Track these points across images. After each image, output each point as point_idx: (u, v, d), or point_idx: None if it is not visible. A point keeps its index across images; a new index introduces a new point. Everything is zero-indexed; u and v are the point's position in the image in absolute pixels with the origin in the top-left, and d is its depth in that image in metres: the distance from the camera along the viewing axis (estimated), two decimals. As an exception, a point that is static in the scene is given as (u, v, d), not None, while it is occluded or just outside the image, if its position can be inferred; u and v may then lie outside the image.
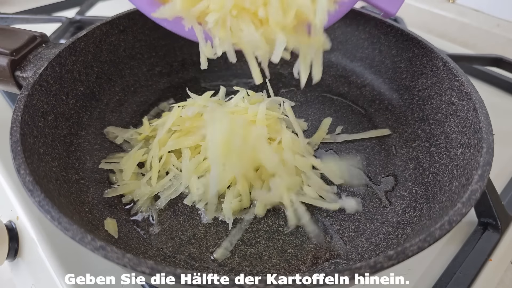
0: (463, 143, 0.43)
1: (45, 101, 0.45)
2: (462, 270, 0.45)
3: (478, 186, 0.34)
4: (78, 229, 0.30)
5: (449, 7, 1.02)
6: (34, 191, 0.32)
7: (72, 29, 0.79)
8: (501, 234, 0.49)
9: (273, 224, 0.45)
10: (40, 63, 0.47)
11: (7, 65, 0.47)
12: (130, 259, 0.28)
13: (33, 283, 0.48)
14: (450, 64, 0.48)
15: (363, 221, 0.46)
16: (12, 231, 0.50)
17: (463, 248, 0.48)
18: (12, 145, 0.36)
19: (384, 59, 0.60)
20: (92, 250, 0.29)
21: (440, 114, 0.49)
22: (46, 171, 0.40)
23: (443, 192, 0.42)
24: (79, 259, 0.44)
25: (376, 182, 0.50)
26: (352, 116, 0.60)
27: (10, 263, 0.52)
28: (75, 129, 0.50)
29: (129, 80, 0.60)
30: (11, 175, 0.53)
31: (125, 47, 0.58)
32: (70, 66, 0.50)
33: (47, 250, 0.45)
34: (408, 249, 0.29)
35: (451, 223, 0.31)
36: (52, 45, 0.50)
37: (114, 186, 0.48)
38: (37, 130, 0.42)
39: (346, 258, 0.42)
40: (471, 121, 0.42)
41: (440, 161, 0.47)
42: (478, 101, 0.42)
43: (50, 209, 0.31)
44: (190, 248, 0.43)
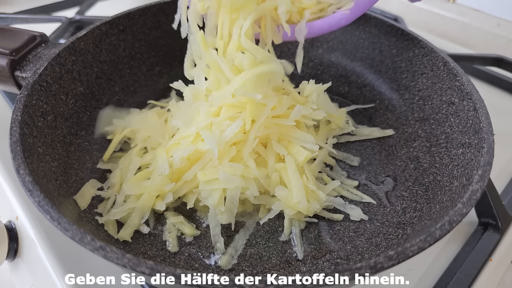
0: (464, 143, 0.43)
1: (45, 101, 0.45)
2: (462, 270, 0.45)
3: (478, 186, 0.34)
4: (78, 229, 0.30)
5: (450, 7, 1.02)
6: (34, 191, 0.32)
7: (72, 29, 0.79)
8: (502, 234, 0.49)
9: (273, 225, 0.45)
10: (39, 63, 0.46)
11: (7, 65, 0.46)
12: (130, 259, 0.28)
13: (32, 283, 0.48)
14: (450, 64, 0.48)
15: (363, 221, 0.46)
16: (12, 231, 0.50)
17: (464, 248, 0.48)
18: (12, 145, 0.36)
19: (384, 59, 0.60)
20: (92, 250, 0.29)
21: (440, 114, 0.49)
22: (46, 171, 0.40)
23: (444, 192, 0.42)
24: (79, 259, 0.44)
25: (376, 183, 0.50)
26: (352, 116, 0.60)
27: (10, 263, 0.52)
28: (75, 129, 0.50)
29: (129, 80, 0.60)
30: (11, 175, 0.53)
31: (125, 47, 0.58)
32: (70, 66, 0.50)
33: (47, 250, 0.45)
34: (408, 249, 0.29)
35: (451, 223, 0.31)
36: (52, 45, 0.50)
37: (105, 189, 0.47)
38: (36, 130, 0.42)
39: (346, 258, 0.42)
40: (472, 121, 0.42)
41: (441, 161, 0.47)
42: (479, 101, 0.42)
43: (49, 209, 0.31)
44: (190, 249, 0.43)
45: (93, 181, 0.46)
